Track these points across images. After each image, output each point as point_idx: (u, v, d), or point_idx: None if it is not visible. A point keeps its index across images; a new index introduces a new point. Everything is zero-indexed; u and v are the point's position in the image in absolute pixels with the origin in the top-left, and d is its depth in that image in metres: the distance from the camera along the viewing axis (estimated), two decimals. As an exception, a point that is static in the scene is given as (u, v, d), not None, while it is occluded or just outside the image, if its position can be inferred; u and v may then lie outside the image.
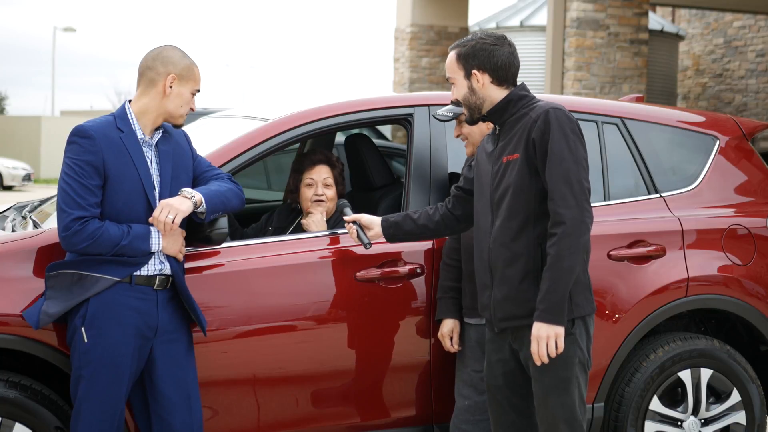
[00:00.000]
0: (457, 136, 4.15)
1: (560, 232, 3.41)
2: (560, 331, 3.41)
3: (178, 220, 3.59)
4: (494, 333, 3.69)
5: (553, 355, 3.42)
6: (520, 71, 3.68)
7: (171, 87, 3.67)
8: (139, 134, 3.67)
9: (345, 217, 4.04)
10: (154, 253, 3.64)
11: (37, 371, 3.88)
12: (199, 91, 3.76)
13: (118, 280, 3.59)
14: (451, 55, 3.69)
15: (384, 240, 4.01)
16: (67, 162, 3.58)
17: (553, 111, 3.50)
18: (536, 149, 3.49)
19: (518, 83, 3.68)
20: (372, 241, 3.98)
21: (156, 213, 3.58)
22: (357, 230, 3.97)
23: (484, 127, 4.01)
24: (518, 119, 3.59)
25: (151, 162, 3.68)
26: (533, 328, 3.44)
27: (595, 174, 4.39)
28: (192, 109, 3.75)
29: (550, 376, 3.51)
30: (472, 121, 3.72)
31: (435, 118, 4.19)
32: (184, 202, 3.62)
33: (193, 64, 3.75)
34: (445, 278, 4.14)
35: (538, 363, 3.45)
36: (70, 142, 3.60)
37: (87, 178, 3.55)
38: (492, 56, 3.61)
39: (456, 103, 4.07)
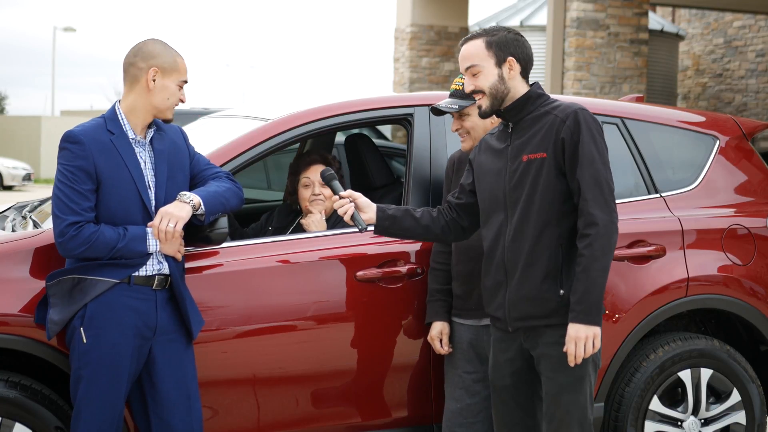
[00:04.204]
0: (457, 131, 4.07)
1: (594, 234, 3.42)
2: (597, 331, 3.44)
3: (179, 228, 3.58)
4: (505, 332, 3.68)
5: (588, 355, 3.44)
6: (520, 71, 3.69)
7: (154, 81, 3.64)
8: (131, 135, 3.66)
9: (340, 193, 3.71)
10: (152, 254, 3.63)
11: (37, 371, 3.88)
12: (186, 82, 3.71)
13: (117, 281, 3.59)
14: (478, 42, 3.61)
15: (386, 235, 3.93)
16: (59, 168, 3.58)
17: (581, 112, 3.51)
18: (565, 150, 3.50)
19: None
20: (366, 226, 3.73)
21: (156, 222, 3.56)
22: (354, 211, 3.70)
23: (488, 122, 3.97)
24: (538, 117, 3.58)
25: (144, 162, 3.67)
26: (570, 329, 3.44)
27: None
28: (182, 100, 3.70)
29: (566, 374, 3.52)
30: (490, 113, 3.63)
31: (437, 108, 4.04)
32: (183, 207, 3.60)
33: (177, 55, 3.70)
34: (434, 282, 4.12)
35: (572, 364, 3.46)
36: (61, 148, 3.60)
37: (79, 183, 3.54)
38: (524, 48, 3.62)
39: (459, 96, 4.03)
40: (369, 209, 3.73)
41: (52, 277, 3.62)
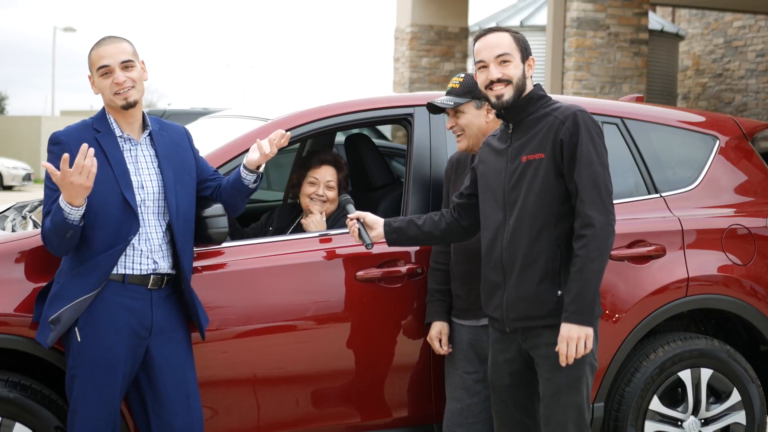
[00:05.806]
0: (451, 128, 4.09)
1: (590, 235, 3.43)
2: (590, 332, 3.45)
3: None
4: (503, 333, 3.68)
5: (580, 355, 3.45)
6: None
7: (94, 85, 3.69)
8: (118, 132, 3.66)
9: (349, 215, 3.97)
10: (77, 219, 3.47)
11: (37, 371, 3.88)
12: (105, 66, 3.62)
13: (91, 294, 3.55)
14: (506, 35, 3.64)
15: (384, 241, 4.00)
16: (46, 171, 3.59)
17: (580, 114, 3.53)
18: (563, 151, 3.50)
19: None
20: (373, 242, 3.93)
21: (273, 136, 3.74)
22: (359, 229, 3.91)
23: (483, 121, 3.99)
24: (538, 119, 3.59)
25: (137, 160, 3.66)
26: (562, 329, 3.45)
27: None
28: (118, 83, 3.61)
29: (563, 375, 3.53)
30: (508, 105, 3.59)
31: (433, 104, 4.04)
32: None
33: (92, 49, 3.67)
34: (433, 282, 4.13)
35: (564, 363, 3.47)
36: (47, 151, 3.63)
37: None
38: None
39: (455, 94, 4.04)
40: (377, 225, 3.90)
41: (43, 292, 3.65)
